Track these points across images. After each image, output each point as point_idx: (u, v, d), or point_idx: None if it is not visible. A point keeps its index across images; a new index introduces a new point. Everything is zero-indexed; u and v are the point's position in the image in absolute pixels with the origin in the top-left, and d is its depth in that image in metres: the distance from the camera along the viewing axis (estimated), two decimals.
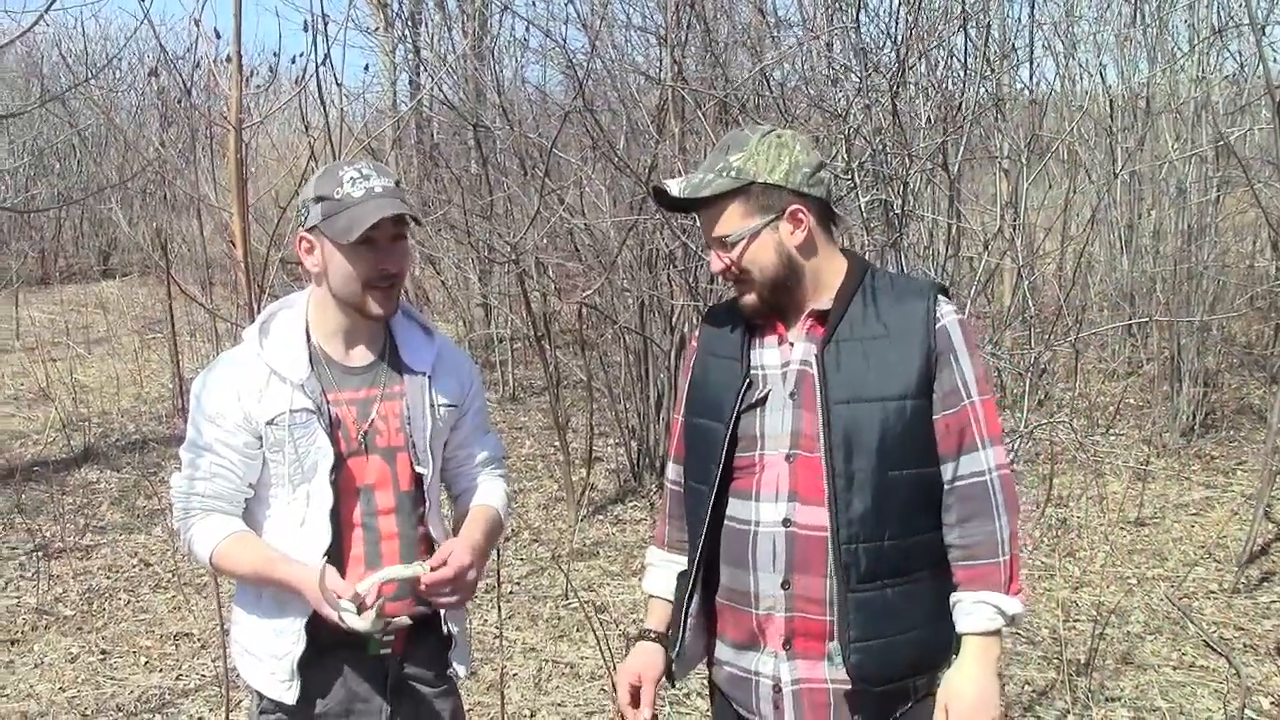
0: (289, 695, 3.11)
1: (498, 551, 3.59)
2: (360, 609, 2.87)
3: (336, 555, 3.04)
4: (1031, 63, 10.84)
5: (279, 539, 3.10)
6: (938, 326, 2.84)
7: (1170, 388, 10.61)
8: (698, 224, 3.13)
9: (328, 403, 3.09)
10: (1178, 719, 5.61)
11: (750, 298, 2.94)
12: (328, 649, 3.12)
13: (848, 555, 2.79)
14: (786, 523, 2.87)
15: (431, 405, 3.21)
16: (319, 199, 3.03)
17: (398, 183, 3.09)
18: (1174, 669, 6.16)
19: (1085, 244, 11.28)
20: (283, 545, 3.08)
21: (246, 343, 3.14)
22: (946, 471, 2.86)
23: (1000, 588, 2.82)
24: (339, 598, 2.86)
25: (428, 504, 3.22)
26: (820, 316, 2.91)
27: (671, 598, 3.15)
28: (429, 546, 3.22)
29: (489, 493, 3.41)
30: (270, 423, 3.05)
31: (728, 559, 2.99)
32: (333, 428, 3.08)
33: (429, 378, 3.22)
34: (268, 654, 3.14)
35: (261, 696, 3.19)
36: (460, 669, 3.36)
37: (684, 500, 3.14)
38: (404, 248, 3.10)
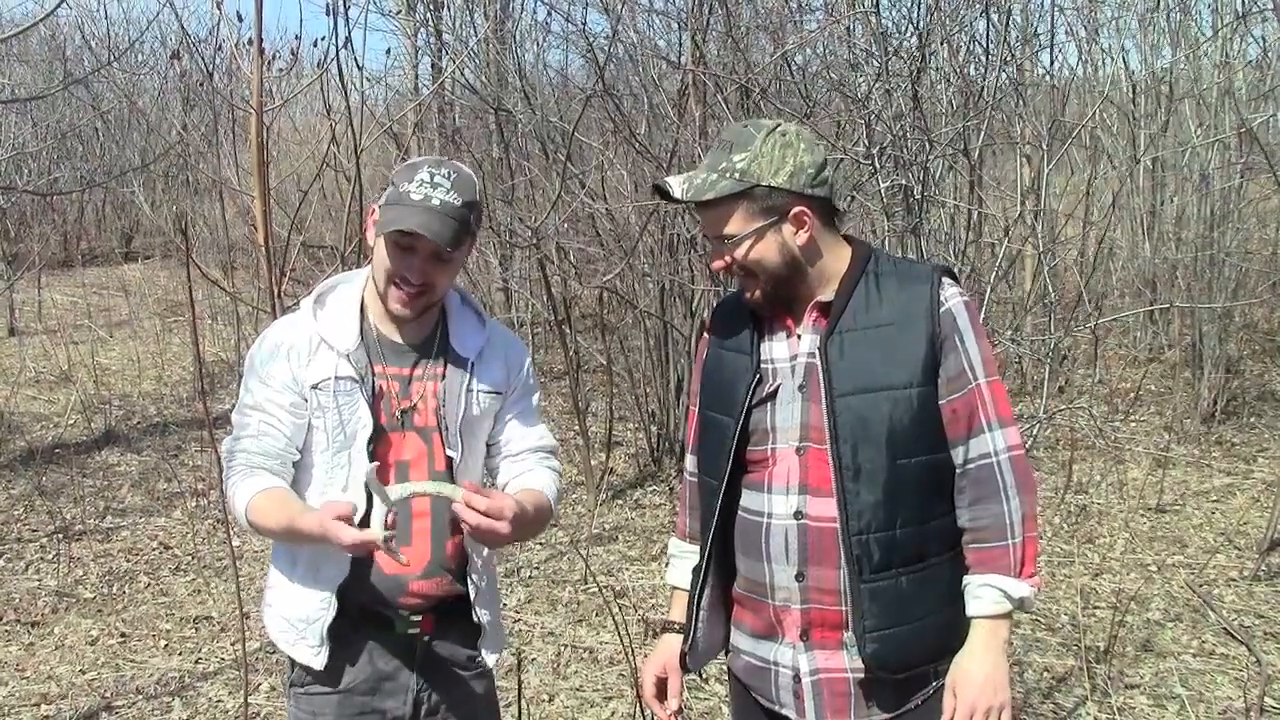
0: (318, 660, 3.14)
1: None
2: (387, 528, 2.81)
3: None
4: (1053, 47, 10.78)
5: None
6: (941, 310, 2.82)
7: (1191, 374, 10.58)
8: None
9: (373, 374, 3.13)
10: (1197, 706, 5.59)
11: (755, 294, 2.93)
12: (358, 624, 3.15)
13: (859, 547, 2.79)
14: (798, 515, 2.87)
15: (469, 390, 3.22)
16: (391, 184, 3.08)
17: (471, 202, 3.06)
18: (1194, 656, 6.15)
19: (1107, 230, 11.24)
20: None
21: (301, 311, 3.19)
22: (957, 455, 2.85)
23: (1008, 571, 2.81)
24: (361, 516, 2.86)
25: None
26: (825, 308, 2.90)
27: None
28: (459, 528, 3.22)
29: (538, 479, 3.37)
30: (315, 387, 3.09)
31: (743, 551, 3.00)
32: (375, 399, 3.12)
33: (473, 363, 3.23)
34: (299, 618, 3.16)
35: (293, 666, 3.23)
36: (489, 657, 3.38)
37: (699, 492, 3.14)
38: (442, 267, 3.08)
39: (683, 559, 3.21)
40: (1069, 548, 7.60)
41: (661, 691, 3.17)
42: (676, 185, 2.89)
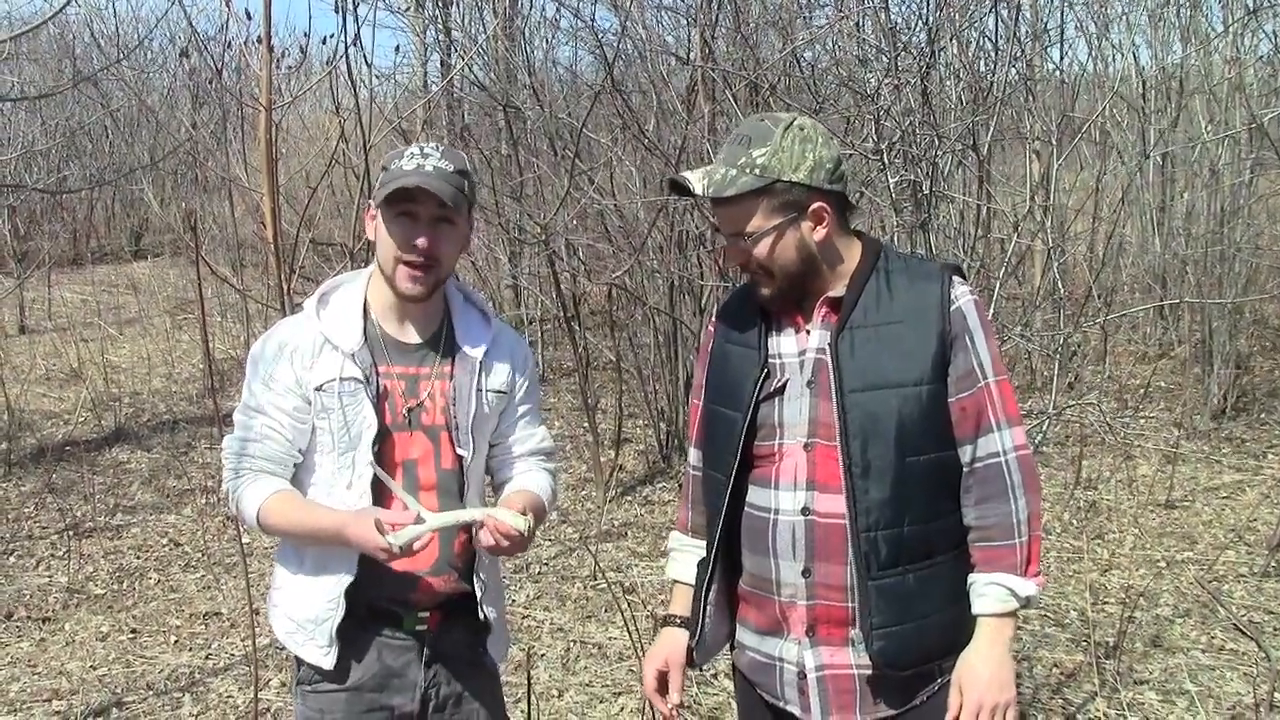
0: (327, 660, 3.14)
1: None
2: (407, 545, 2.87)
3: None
4: (1063, 43, 10.78)
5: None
6: (952, 309, 2.82)
7: (1201, 370, 10.56)
8: None
9: (377, 375, 3.13)
10: (1206, 702, 5.59)
11: (769, 291, 2.92)
12: (365, 622, 3.16)
13: (867, 543, 2.79)
14: (805, 511, 2.86)
15: (479, 389, 3.22)
16: (383, 169, 3.11)
17: (463, 171, 3.09)
18: (1203, 652, 6.14)
19: (1116, 225, 11.22)
20: None
21: (305, 311, 3.19)
22: (964, 454, 2.85)
23: (1015, 569, 2.82)
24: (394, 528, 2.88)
25: (467, 486, 3.22)
26: (835, 304, 2.89)
27: (694, 583, 3.15)
28: (468, 528, 3.23)
29: (535, 481, 3.37)
30: (319, 389, 3.09)
31: (749, 546, 2.99)
32: (379, 399, 3.11)
33: (481, 362, 3.23)
34: (307, 619, 3.17)
35: (300, 665, 3.24)
36: (495, 654, 3.37)
37: (703, 486, 3.14)
38: (449, 232, 3.09)
39: (684, 552, 3.21)
40: (1078, 543, 7.59)
41: (662, 686, 3.15)
42: (696, 181, 2.86)
